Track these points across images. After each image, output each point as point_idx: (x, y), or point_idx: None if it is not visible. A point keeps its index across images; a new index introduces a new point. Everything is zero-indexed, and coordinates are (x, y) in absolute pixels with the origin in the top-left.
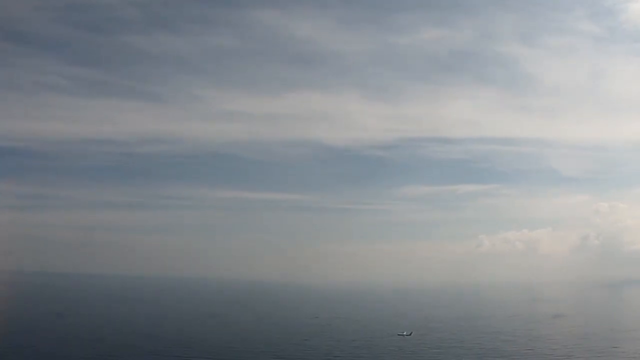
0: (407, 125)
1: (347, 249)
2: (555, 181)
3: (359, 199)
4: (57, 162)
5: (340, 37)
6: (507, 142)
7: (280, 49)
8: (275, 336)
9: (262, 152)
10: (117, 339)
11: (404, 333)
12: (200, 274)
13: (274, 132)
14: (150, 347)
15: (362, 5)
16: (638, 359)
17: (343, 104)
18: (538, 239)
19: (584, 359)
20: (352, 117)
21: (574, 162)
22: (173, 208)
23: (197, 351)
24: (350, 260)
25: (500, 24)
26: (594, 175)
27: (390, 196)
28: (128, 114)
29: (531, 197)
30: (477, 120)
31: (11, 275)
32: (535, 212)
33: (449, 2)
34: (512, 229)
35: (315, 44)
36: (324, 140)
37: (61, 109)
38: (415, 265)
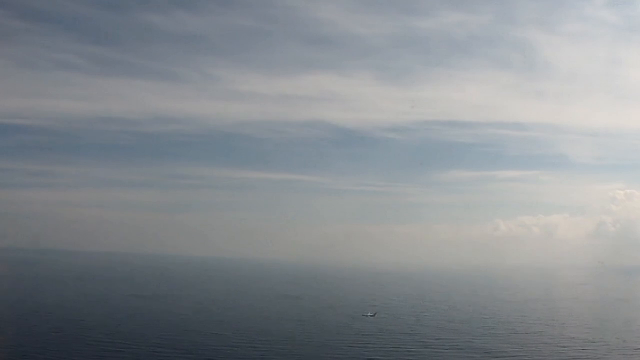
0: (421, 108)
1: (361, 231)
2: (567, 167)
3: (372, 182)
4: (70, 140)
5: (360, 19)
6: (520, 127)
7: (299, 30)
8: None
9: (275, 132)
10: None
11: (368, 314)
12: (210, 253)
13: (287, 113)
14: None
15: None
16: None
17: (358, 86)
18: (554, 224)
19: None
20: (366, 99)
21: (586, 148)
22: (184, 187)
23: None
24: (365, 242)
25: (519, 9)
26: (606, 162)
27: (403, 179)
28: (143, 93)
29: (545, 183)
30: (491, 104)
31: (25, 253)
32: (550, 198)
33: None
34: (527, 213)
35: (334, 26)
36: (337, 122)
37: (76, 87)
38: (432, 248)
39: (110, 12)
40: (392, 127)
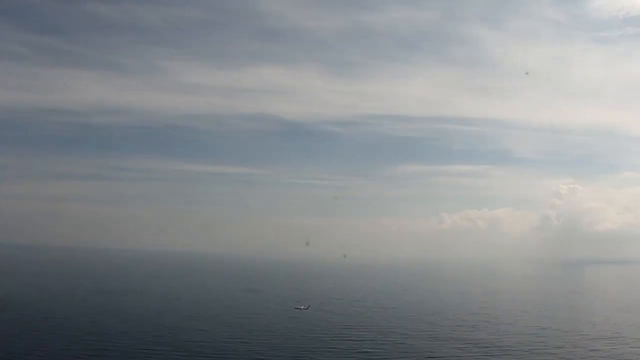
0: (366, 101)
1: (307, 224)
2: (512, 162)
3: (319, 175)
4: (11, 132)
5: (309, 13)
6: (465, 122)
7: (247, 22)
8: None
9: (222, 125)
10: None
11: (302, 307)
12: (156, 247)
13: (234, 105)
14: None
15: None
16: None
17: (305, 80)
18: (499, 218)
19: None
20: (313, 92)
21: (531, 143)
22: (129, 180)
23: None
24: (311, 236)
25: (466, 6)
26: (550, 157)
27: (350, 172)
28: (87, 84)
29: (490, 177)
30: (437, 99)
31: None
32: (495, 192)
33: None
34: (473, 207)
35: (283, 19)
36: (283, 115)
37: (19, 78)
38: (379, 242)
39: (55, 1)
40: (338, 120)
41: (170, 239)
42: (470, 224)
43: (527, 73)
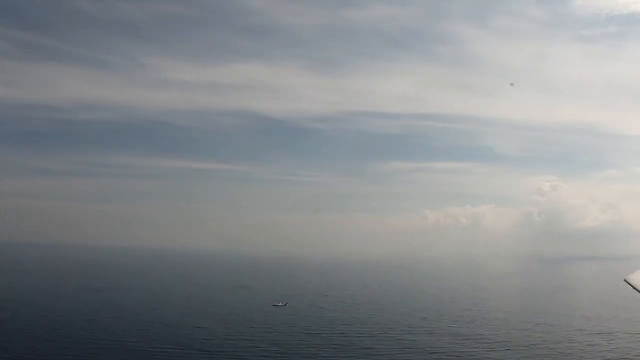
0: (348, 98)
1: (289, 220)
2: (494, 159)
3: (300, 172)
4: None
5: (292, 9)
6: (448, 119)
7: (229, 18)
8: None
9: (203, 121)
10: None
11: (280, 304)
12: (139, 243)
13: (215, 102)
14: None
15: None
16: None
17: (286, 76)
18: (481, 215)
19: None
20: (294, 89)
21: (513, 141)
22: (110, 176)
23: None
24: (293, 232)
25: (449, 4)
26: (532, 154)
27: (331, 169)
28: (70, 80)
29: (472, 174)
30: (419, 96)
31: None
32: (477, 189)
33: None
34: (455, 204)
35: (265, 16)
36: (264, 111)
37: (0, 73)
38: (359, 238)
39: None
40: (321, 117)
41: (153, 235)
42: (453, 221)
43: (512, 84)
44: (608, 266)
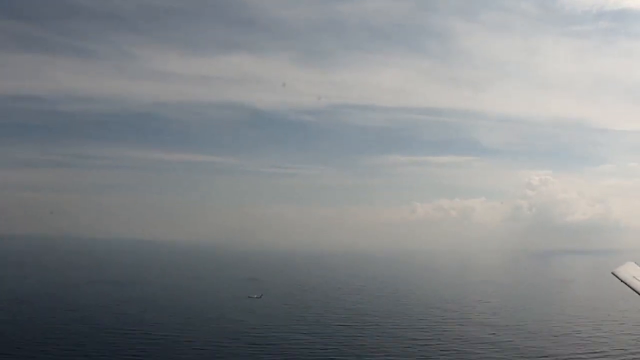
0: (338, 91)
1: (277, 212)
2: (484, 152)
3: (289, 164)
4: None
5: (282, 2)
6: (437, 113)
7: (219, 10)
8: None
9: (192, 113)
10: None
11: (255, 295)
12: (129, 235)
13: (204, 93)
14: None
15: None
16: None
17: (276, 69)
18: (471, 208)
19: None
20: (284, 81)
21: (502, 135)
22: (99, 168)
23: None
24: (281, 224)
25: None
26: (522, 148)
27: (319, 161)
28: (56, 71)
29: (462, 168)
30: (408, 90)
31: None
32: (467, 182)
33: None
34: (444, 197)
35: (255, 8)
36: (255, 104)
37: None
38: (348, 231)
39: None
40: (310, 110)
41: (140, 227)
42: (442, 214)
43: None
44: (598, 260)
